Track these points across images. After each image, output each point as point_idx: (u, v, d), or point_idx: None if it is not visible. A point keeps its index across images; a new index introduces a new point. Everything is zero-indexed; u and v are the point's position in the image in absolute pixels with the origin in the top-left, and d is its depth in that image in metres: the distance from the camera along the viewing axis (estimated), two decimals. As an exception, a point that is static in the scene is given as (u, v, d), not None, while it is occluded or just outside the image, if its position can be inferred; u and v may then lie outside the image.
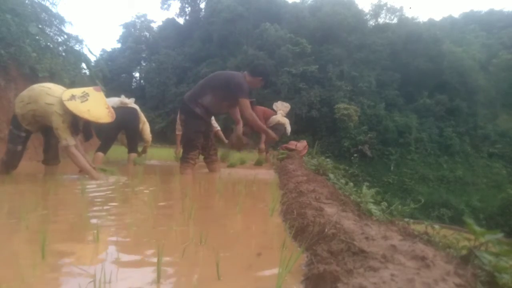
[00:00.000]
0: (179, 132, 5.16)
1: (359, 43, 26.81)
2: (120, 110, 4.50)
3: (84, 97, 2.76)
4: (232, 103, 3.43)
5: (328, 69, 25.29)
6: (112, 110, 2.93)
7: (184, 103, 3.50)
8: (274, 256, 1.04)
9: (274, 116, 5.48)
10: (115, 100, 4.54)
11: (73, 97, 2.72)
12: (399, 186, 21.05)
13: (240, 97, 3.25)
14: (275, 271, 0.82)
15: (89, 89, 2.90)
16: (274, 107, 5.78)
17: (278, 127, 5.50)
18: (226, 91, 3.31)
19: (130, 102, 4.67)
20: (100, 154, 4.37)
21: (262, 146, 5.45)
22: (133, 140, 4.79)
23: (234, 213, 1.67)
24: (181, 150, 3.63)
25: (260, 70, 3.49)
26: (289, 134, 5.83)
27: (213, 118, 4.44)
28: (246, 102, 3.27)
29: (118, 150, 5.22)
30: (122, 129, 4.69)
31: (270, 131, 3.77)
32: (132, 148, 4.75)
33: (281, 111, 5.65)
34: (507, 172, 21.99)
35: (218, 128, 5.69)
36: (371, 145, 22.76)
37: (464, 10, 62.58)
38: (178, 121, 5.24)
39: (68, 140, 2.71)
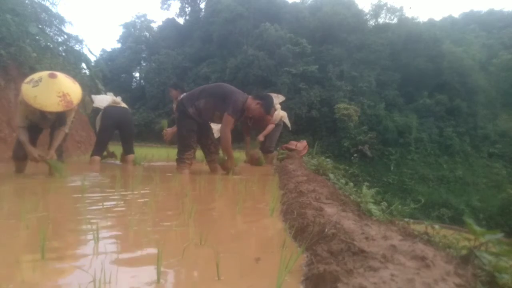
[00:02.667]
0: None
1: (359, 43, 26.82)
2: (114, 110, 4.45)
3: (37, 82, 2.67)
4: (222, 116, 3.35)
5: (328, 69, 25.31)
6: (68, 99, 2.75)
7: (180, 101, 3.53)
8: (274, 256, 1.04)
9: (276, 113, 5.27)
10: (107, 99, 4.48)
11: (31, 80, 2.69)
12: (399, 186, 21.04)
13: (227, 112, 3.24)
14: (275, 271, 0.82)
15: (44, 75, 2.74)
16: None
17: (280, 122, 5.46)
18: (219, 102, 3.31)
19: (121, 101, 4.63)
20: (97, 158, 4.33)
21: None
22: (129, 140, 4.71)
23: (234, 213, 1.67)
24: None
25: (262, 96, 3.49)
26: (290, 127, 5.74)
27: None
28: (229, 120, 3.25)
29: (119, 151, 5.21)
30: (117, 129, 4.64)
31: (232, 159, 3.55)
32: (129, 149, 4.68)
33: (277, 105, 5.34)
34: (507, 172, 21.98)
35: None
36: (371, 145, 22.76)
37: (464, 10, 62.56)
38: None
39: (18, 121, 2.89)
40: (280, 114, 5.37)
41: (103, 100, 4.41)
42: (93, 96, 4.60)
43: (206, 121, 3.62)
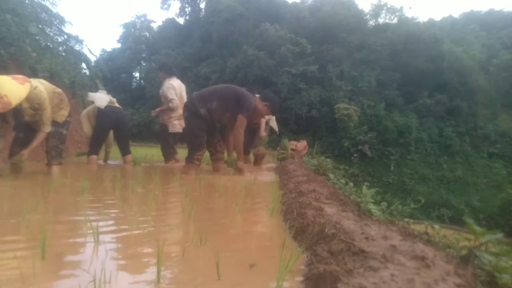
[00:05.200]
0: None
1: (359, 43, 26.80)
2: (112, 110, 4.44)
3: None
4: (234, 117, 3.43)
5: (328, 69, 25.29)
6: (5, 100, 2.74)
7: (190, 101, 3.52)
8: (274, 256, 1.04)
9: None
10: (105, 98, 4.46)
11: None
12: (399, 186, 21.04)
13: (241, 113, 3.32)
14: (275, 271, 0.82)
15: None
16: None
17: (268, 126, 5.41)
18: (232, 103, 3.37)
19: (115, 101, 4.63)
20: (94, 157, 4.34)
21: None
22: (126, 141, 4.72)
23: (234, 213, 1.67)
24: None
25: (270, 97, 3.68)
26: (277, 131, 5.68)
27: None
28: (244, 122, 3.34)
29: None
30: (113, 129, 4.63)
31: (243, 158, 3.62)
32: (126, 150, 4.68)
33: None
34: (507, 172, 21.98)
35: None
36: (371, 145, 22.75)
37: (464, 10, 62.47)
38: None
39: None
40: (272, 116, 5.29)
41: (101, 98, 4.39)
42: (91, 94, 4.55)
43: (215, 121, 3.62)
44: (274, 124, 5.54)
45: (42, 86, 3.07)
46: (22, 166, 3.12)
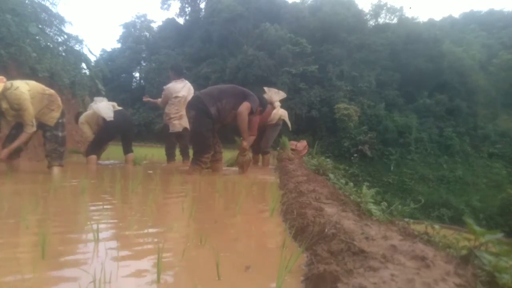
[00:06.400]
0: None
1: (359, 43, 26.80)
2: (117, 114, 4.48)
3: None
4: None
5: (328, 69, 25.30)
6: None
7: (198, 100, 3.47)
8: (274, 256, 1.04)
9: (275, 111, 4.89)
10: (108, 106, 4.46)
11: None
12: (399, 186, 21.04)
13: (248, 101, 3.38)
14: (275, 271, 0.82)
15: None
16: (266, 97, 4.72)
17: (279, 122, 5.04)
18: (240, 102, 3.39)
19: (115, 104, 4.67)
20: (93, 156, 4.34)
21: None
22: (130, 141, 4.79)
23: (234, 213, 1.67)
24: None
25: (264, 102, 3.79)
26: (290, 127, 5.50)
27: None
28: (248, 106, 3.38)
29: (118, 151, 5.21)
30: (120, 131, 4.65)
31: (248, 139, 3.72)
32: (128, 149, 4.72)
33: (277, 102, 4.99)
34: (507, 172, 21.97)
35: None
36: (371, 145, 22.76)
37: (464, 10, 62.46)
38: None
39: None
40: (279, 113, 4.97)
41: (106, 109, 4.38)
42: (94, 107, 4.46)
43: (221, 121, 3.60)
44: (287, 119, 5.29)
45: (27, 86, 3.02)
46: (17, 164, 3.11)
